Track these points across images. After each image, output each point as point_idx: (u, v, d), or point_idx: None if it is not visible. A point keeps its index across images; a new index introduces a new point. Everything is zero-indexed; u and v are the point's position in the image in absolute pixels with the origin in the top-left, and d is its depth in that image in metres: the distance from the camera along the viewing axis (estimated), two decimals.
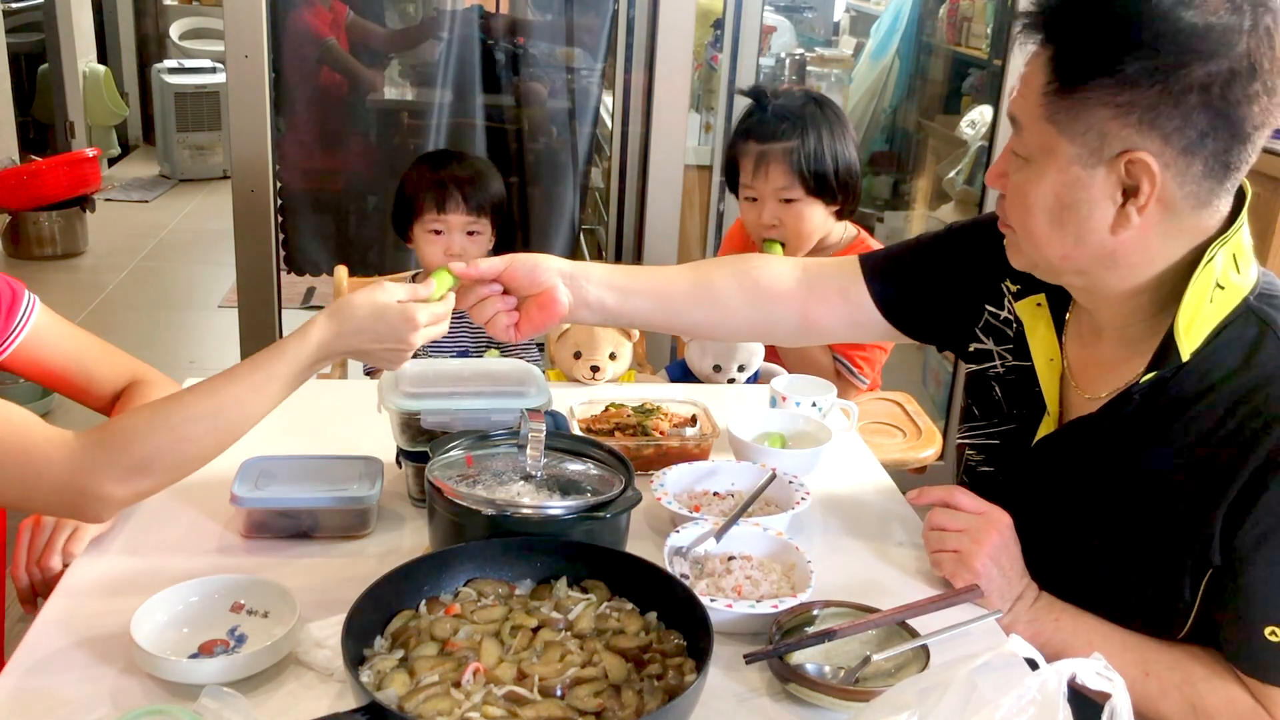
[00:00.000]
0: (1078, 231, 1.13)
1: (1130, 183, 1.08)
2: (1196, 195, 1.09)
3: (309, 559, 1.30)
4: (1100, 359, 1.26)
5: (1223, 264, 1.12)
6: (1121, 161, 1.08)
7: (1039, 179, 1.13)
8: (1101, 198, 1.10)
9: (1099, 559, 1.22)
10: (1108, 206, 1.10)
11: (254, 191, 2.82)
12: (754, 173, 2.07)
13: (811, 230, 2.10)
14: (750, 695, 1.10)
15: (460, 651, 1.03)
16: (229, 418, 1.18)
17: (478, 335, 2.21)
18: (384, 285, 1.24)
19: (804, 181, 2.05)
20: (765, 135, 2.06)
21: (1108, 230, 1.11)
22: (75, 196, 5.14)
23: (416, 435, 1.38)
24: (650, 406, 1.68)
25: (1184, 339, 1.13)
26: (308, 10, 3.02)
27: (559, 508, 1.18)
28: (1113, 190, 1.10)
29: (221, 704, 0.99)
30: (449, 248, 2.11)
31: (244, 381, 1.19)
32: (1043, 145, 1.12)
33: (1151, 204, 1.08)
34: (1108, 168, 1.09)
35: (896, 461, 2.12)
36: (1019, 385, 1.34)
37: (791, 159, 2.04)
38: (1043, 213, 1.14)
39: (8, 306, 1.44)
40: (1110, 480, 1.21)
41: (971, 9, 3.85)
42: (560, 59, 3.30)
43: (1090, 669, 0.83)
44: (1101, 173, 1.09)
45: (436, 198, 2.11)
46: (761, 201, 2.09)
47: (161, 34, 7.15)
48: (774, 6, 4.06)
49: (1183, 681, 1.16)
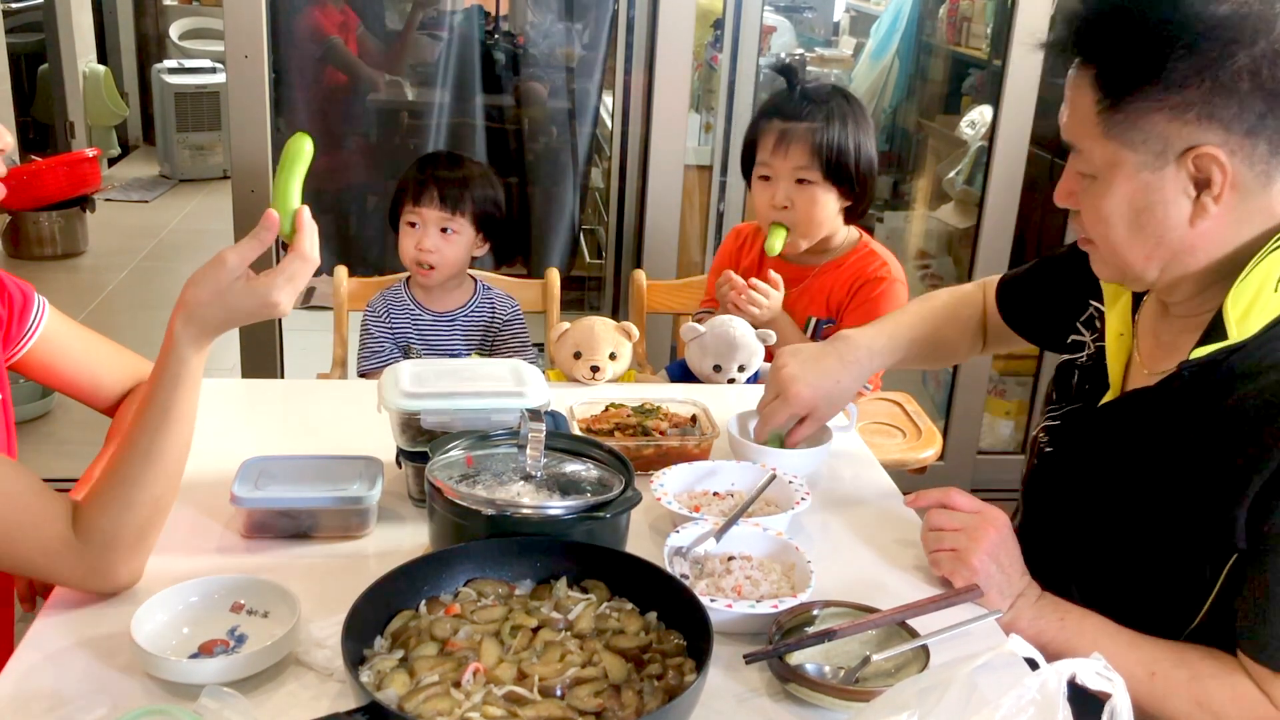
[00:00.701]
0: (1157, 232, 1.16)
1: (1201, 176, 1.11)
2: (1266, 173, 1.12)
3: (309, 559, 1.30)
4: (1165, 337, 1.28)
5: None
6: (1189, 158, 1.10)
7: (1110, 192, 1.16)
8: (1175, 195, 1.13)
9: (1131, 536, 1.23)
10: (1183, 202, 1.13)
11: (254, 191, 2.82)
12: (774, 149, 2.07)
13: (822, 218, 2.09)
14: (750, 695, 1.10)
15: (460, 651, 1.03)
16: (172, 463, 1.17)
17: (470, 338, 2.22)
18: (222, 261, 1.14)
19: (822, 164, 2.04)
20: (790, 114, 2.06)
21: (1187, 225, 1.14)
22: (75, 197, 5.13)
23: (416, 435, 1.38)
24: (650, 406, 1.68)
25: (1232, 316, 1.14)
26: (315, 9, 3.03)
27: (559, 508, 1.17)
28: (1185, 185, 1.12)
29: (221, 704, 0.99)
30: (420, 241, 2.12)
31: (164, 427, 1.15)
32: (1106, 161, 1.15)
33: (1226, 191, 1.11)
34: (1176, 166, 1.12)
35: (896, 462, 2.12)
36: (1095, 367, 1.37)
37: (814, 139, 2.04)
38: (1120, 221, 1.17)
39: (20, 310, 1.44)
40: (1153, 456, 1.22)
41: (971, 9, 3.85)
42: (560, 59, 3.30)
43: (1090, 669, 0.83)
44: (1171, 172, 1.12)
45: (414, 191, 2.13)
46: (775, 180, 2.08)
47: (161, 34, 7.14)
48: (774, 6, 4.05)
49: (1190, 679, 1.16)
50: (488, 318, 2.23)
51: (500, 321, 2.23)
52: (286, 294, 1.16)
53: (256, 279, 1.15)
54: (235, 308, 1.15)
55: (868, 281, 2.13)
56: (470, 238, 2.16)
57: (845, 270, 2.16)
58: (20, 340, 1.45)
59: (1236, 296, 1.14)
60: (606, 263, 3.36)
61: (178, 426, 1.16)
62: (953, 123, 3.93)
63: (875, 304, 2.08)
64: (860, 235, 2.21)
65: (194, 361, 1.16)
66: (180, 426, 1.17)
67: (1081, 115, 1.16)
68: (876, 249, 2.18)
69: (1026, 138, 2.99)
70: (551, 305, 2.44)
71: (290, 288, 1.16)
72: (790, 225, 2.10)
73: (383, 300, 2.22)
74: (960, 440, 3.33)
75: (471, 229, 2.16)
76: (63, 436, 3.45)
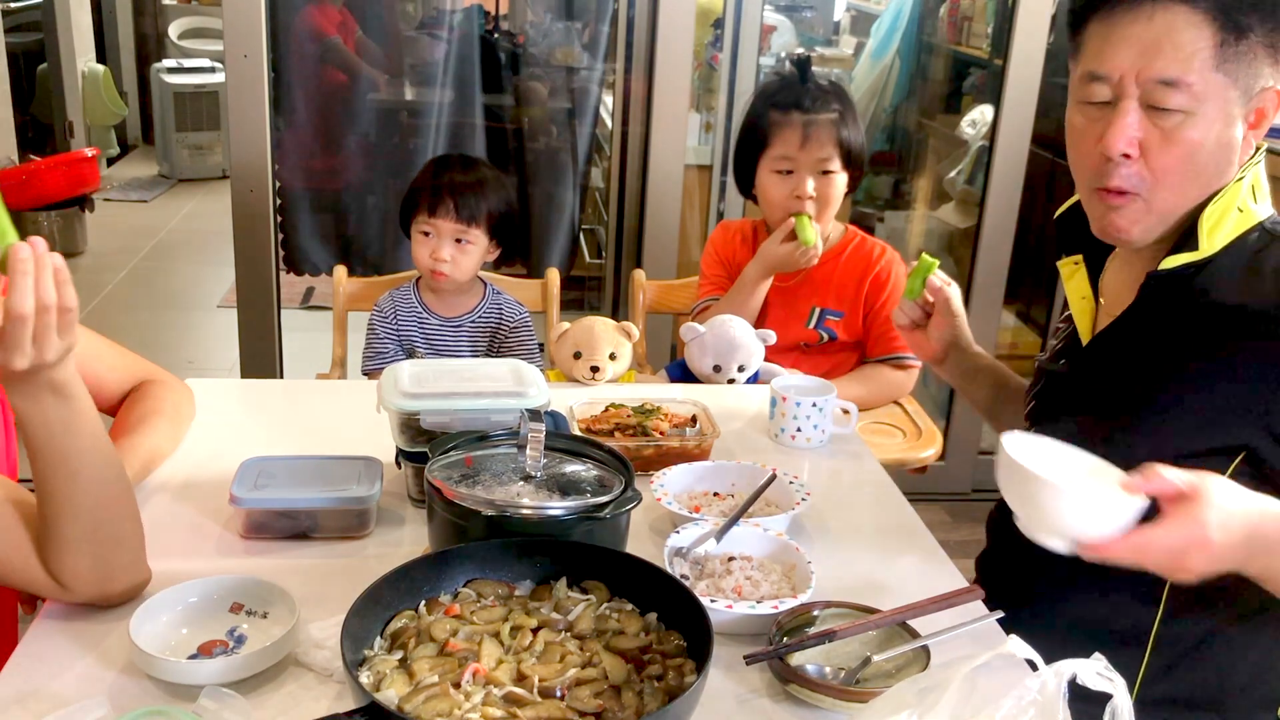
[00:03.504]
0: (1221, 167, 1.25)
1: (1261, 111, 1.23)
2: None
3: (308, 559, 1.30)
4: (1129, 280, 1.35)
5: (1250, 188, 1.25)
6: (1266, 95, 1.22)
7: (1208, 127, 1.22)
8: (1242, 130, 1.24)
9: (1130, 456, 1.18)
10: (1241, 136, 1.24)
11: (253, 191, 2.82)
12: (801, 144, 2.10)
13: (838, 203, 2.16)
14: (750, 696, 1.10)
15: (460, 652, 1.03)
16: (79, 469, 1.09)
17: (475, 343, 2.21)
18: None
19: (843, 154, 2.11)
20: (811, 106, 2.10)
21: (1232, 163, 1.25)
22: (74, 196, 5.13)
23: (416, 435, 1.38)
24: (650, 407, 1.68)
25: (1205, 229, 1.23)
26: (314, 8, 3.03)
27: (559, 508, 1.17)
28: (1247, 119, 1.23)
29: (221, 705, 0.99)
30: (435, 251, 2.12)
31: (51, 441, 1.08)
32: (1212, 94, 1.21)
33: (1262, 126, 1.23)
34: (1255, 101, 1.22)
35: (896, 461, 2.12)
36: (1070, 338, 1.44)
37: (838, 130, 2.10)
38: (1208, 154, 1.23)
39: None
40: (1139, 375, 1.28)
41: (972, 9, 3.85)
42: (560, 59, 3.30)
43: (1090, 669, 0.83)
44: (1246, 108, 1.23)
45: (429, 201, 2.12)
46: (800, 172, 2.11)
47: (160, 33, 7.14)
48: (774, 6, 4.05)
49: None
50: (494, 324, 2.22)
51: (507, 328, 2.22)
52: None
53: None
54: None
55: (878, 270, 2.20)
56: (484, 246, 2.16)
57: (847, 261, 2.22)
58: None
59: (1210, 213, 1.23)
60: (606, 262, 3.36)
61: (87, 445, 1.09)
62: (953, 122, 3.93)
63: (897, 288, 2.17)
64: (845, 227, 2.27)
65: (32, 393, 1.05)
66: (88, 442, 1.09)
67: (1189, 51, 1.20)
68: (865, 235, 2.27)
69: (1027, 137, 2.99)
70: (551, 305, 2.44)
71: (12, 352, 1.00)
72: (810, 213, 2.13)
73: (390, 301, 2.22)
74: (961, 440, 3.33)
75: (486, 237, 2.15)
76: None
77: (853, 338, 2.22)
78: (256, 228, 2.88)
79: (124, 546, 1.15)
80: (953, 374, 1.67)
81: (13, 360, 1.00)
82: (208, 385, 1.73)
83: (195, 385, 1.67)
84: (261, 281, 2.93)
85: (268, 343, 2.98)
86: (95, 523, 1.11)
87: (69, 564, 1.11)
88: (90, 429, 1.10)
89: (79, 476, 1.09)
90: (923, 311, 1.63)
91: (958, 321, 1.62)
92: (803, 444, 1.68)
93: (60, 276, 1.02)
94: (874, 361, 2.23)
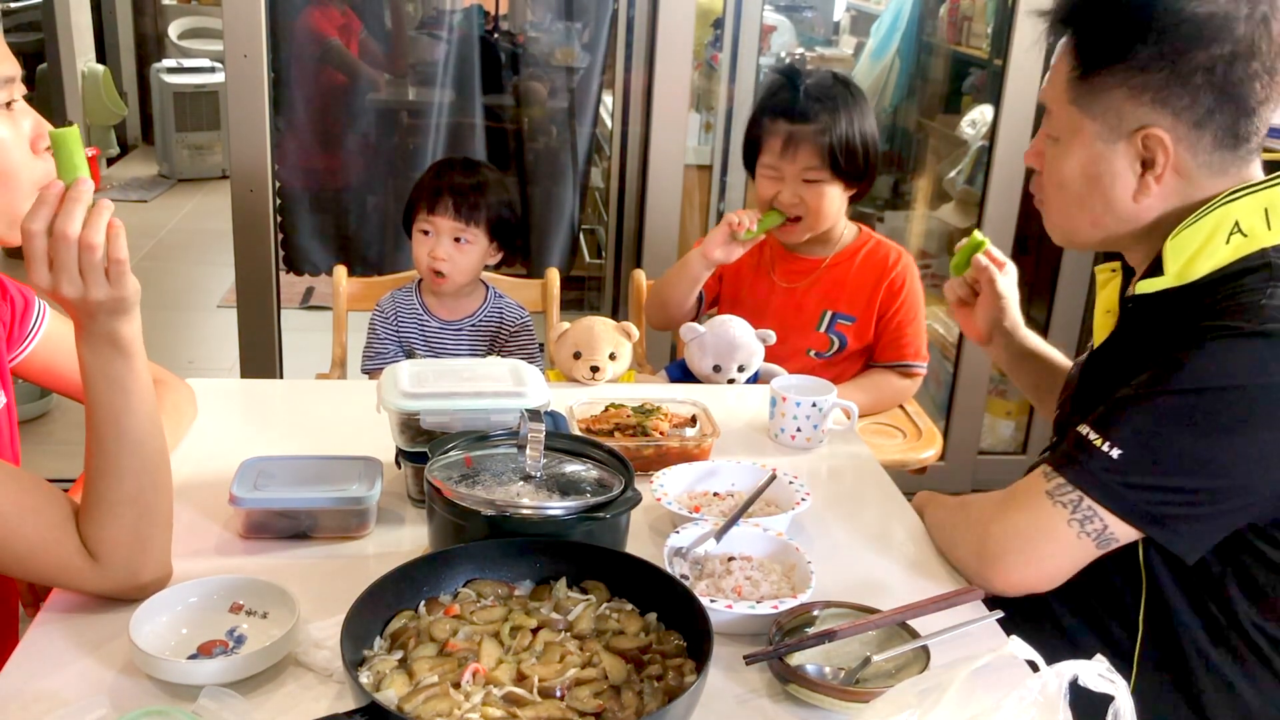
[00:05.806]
0: (1104, 200, 1.26)
1: (1147, 155, 1.22)
2: (1210, 165, 1.22)
3: (308, 559, 1.30)
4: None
5: (1250, 212, 1.20)
6: (1138, 137, 1.22)
7: (1068, 155, 1.28)
8: (1123, 169, 1.24)
9: None
10: (1129, 177, 1.24)
11: (253, 191, 2.82)
12: (781, 152, 2.08)
13: (830, 211, 2.12)
14: (750, 696, 1.10)
15: (460, 652, 1.03)
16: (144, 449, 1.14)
17: (475, 346, 2.21)
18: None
19: (830, 163, 2.07)
20: (797, 115, 2.07)
21: (1131, 198, 1.25)
22: None
23: (416, 435, 1.38)
24: (650, 407, 1.68)
25: (1170, 265, 1.22)
26: (315, 9, 3.02)
27: (558, 508, 1.17)
28: (1132, 162, 1.23)
29: (220, 705, 0.99)
30: (434, 249, 2.12)
31: (124, 409, 1.12)
32: (1069, 125, 1.27)
33: (1167, 173, 1.22)
34: (1126, 142, 1.23)
35: (896, 462, 2.12)
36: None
37: (822, 139, 2.06)
38: (1073, 183, 1.28)
39: (21, 313, 1.45)
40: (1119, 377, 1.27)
41: (972, 9, 3.85)
42: (560, 59, 3.30)
43: (1092, 670, 0.82)
44: (1121, 147, 1.23)
45: (429, 200, 2.12)
46: (783, 180, 2.10)
47: (160, 33, 7.13)
48: (774, 6, 4.05)
49: None
50: (495, 327, 2.22)
51: (507, 332, 2.22)
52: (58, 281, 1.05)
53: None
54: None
55: (893, 276, 2.17)
56: (484, 247, 2.16)
57: (861, 265, 2.19)
58: (22, 343, 1.45)
59: (1174, 247, 1.22)
60: (606, 262, 3.36)
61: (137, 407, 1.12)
62: (953, 122, 3.93)
63: (911, 294, 2.17)
64: (859, 229, 2.24)
65: (125, 341, 1.11)
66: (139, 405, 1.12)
67: (1058, 81, 1.28)
68: (881, 238, 2.23)
69: (1027, 137, 2.99)
70: (551, 305, 2.44)
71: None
72: (800, 215, 2.12)
73: (392, 301, 2.22)
74: (961, 440, 3.33)
75: (485, 238, 2.15)
76: (62, 437, 3.46)
77: (862, 344, 2.21)
78: (256, 228, 2.87)
79: (159, 525, 1.16)
80: (1000, 356, 1.66)
81: (60, 284, 1.05)
82: (208, 385, 1.73)
83: (195, 385, 1.67)
84: (261, 281, 2.92)
85: (268, 343, 2.98)
86: (138, 488, 1.13)
87: (109, 531, 1.12)
88: (144, 393, 1.14)
89: (127, 437, 1.12)
90: (970, 289, 1.63)
91: (1003, 304, 1.61)
92: (803, 444, 1.68)
93: (113, 229, 1.06)
94: (881, 367, 2.22)
